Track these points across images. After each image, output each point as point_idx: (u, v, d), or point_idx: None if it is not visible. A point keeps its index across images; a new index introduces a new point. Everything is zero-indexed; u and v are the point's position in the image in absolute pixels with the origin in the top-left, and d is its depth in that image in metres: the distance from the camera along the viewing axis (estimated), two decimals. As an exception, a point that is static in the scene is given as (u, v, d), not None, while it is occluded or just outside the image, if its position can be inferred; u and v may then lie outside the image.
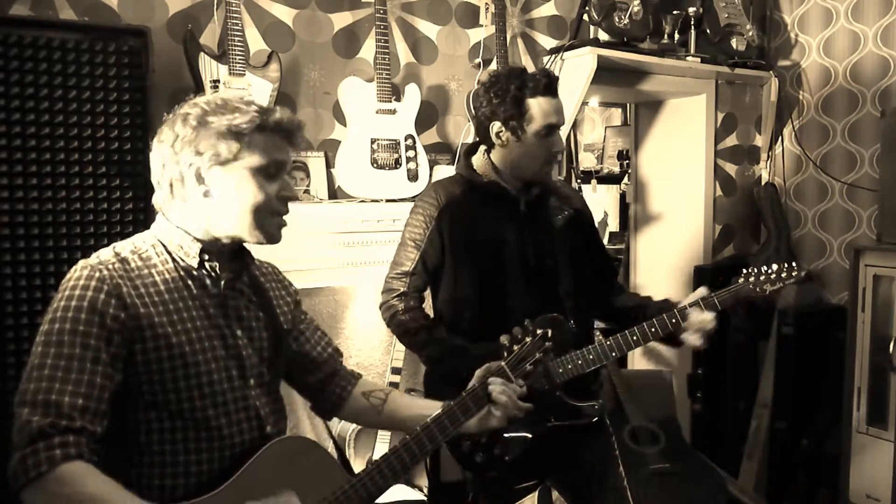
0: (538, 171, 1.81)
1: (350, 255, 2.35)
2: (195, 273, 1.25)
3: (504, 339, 1.45)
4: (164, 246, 1.24)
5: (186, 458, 1.19)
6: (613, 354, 1.76)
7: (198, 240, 1.23)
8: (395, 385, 2.54)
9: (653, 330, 1.74)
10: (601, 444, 1.87)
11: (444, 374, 1.84)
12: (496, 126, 1.79)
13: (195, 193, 1.20)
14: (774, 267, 1.75)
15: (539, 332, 1.43)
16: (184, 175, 1.20)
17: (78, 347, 1.11)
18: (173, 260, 1.24)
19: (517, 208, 1.83)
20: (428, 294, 1.95)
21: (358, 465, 2.43)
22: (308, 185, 2.38)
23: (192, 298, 1.23)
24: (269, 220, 1.23)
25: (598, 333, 1.97)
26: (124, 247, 1.24)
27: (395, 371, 2.54)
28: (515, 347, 1.43)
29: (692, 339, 1.74)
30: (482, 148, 1.89)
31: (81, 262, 1.19)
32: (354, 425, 2.43)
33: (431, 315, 1.91)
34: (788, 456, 2.92)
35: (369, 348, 2.63)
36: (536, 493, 2.05)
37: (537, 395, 1.64)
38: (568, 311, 1.78)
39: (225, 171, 1.19)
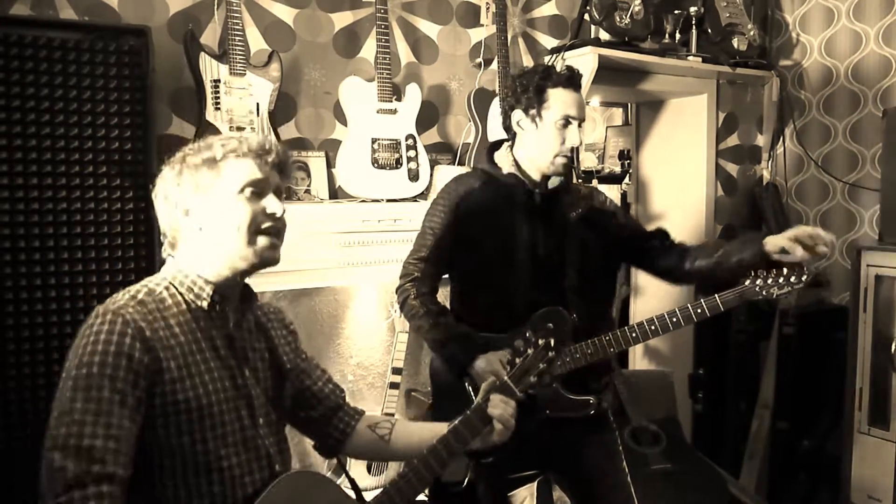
0: (553, 162, 1.82)
1: (350, 255, 2.35)
2: (206, 314, 1.26)
3: (506, 353, 1.45)
4: (175, 288, 1.25)
5: (200, 503, 1.19)
6: (612, 350, 1.77)
7: (209, 281, 1.25)
8: (395, 385, 2.54)
9: (653, 328, 1.75)
10: (604, 441, 1.87)
11: (445, 360, 1.86)
12: (517, 114, 1.85)
13: (188, 230, 1.24)
14: (784, 270, 1.71)
15: (541, 342, 1.42)
16: (175, 214, 1.24)
17: (107, 391, 1.11)
18: (185, 302, 1.24)
19: (532, 201, 1.86)
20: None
21: (358, 465, 2.43)
22: (309, 185, 2.38)
23: (204, 340, 1.24)
24: (258, 240, 1.24)
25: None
26: (139, 290, 1.24)
27: (396, 371, 2.54)
28: (518, 360, 1.42)
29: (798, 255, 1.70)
30: (506, 144, 1.95)
31: (101, 308, 1.19)
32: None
33: (446, 303, 1.95)
34: (789, 456, 2.91)
35: (370, 348, 2.63)
36: (535, 485, 2.05)
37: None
38: (570, 305, 1.79)
39: (207, 199, 1.22)
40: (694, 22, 2.96)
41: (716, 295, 1.73)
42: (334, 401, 1.49)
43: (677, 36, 2.98)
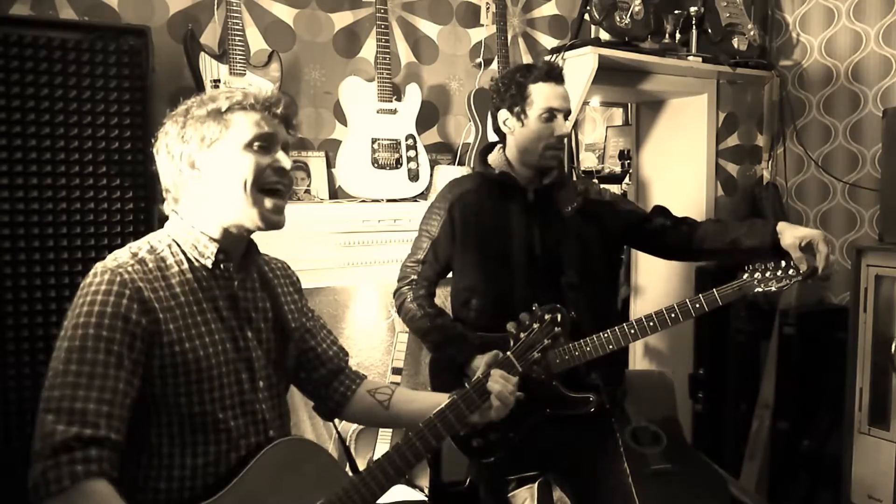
0: (542, 155, 1.83)
1: (350, 255, 2.35)
2: (210, 273, 1.24)
3: (511, 326, 1.42)
4: (178, 246, 1.24)
5: (194, 462, 1.19)
6: (610, 347, 1.76)
7: (214, 239, 1.23)
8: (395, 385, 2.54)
9: (651, 324, 1.74)
10: (604, 441, 1.87)
11: (444, 362, 1.87)
12: (503, 114, 1.87)
13: (192, 183, 1.22)
14: (783, 263, 1.70)
15: (548, 317, 1.39)
16: (180, 168, 1.22)
17: (102, 353, 1.10)
18: (188, 260, 1.23)
19: (525, 198, 1.87)
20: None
21: (359, 465, 2.43)
22: (309, 185, 2.38)
23: (206, 301, 1.23)
24: (264, 198, 1.21)
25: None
26: (140, 247, 1.23)
27: (396, 371, 2.54)
28: (522, 335, 1.39)
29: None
30: (498, 146, 1.96)
31: (100, 265, 1.17)
32: (355, 426, 2.42)
33: (444, 305, 1.95)
34: (790, 456, 2.91)
35: (370, 348, 2.63)
36: (536, 486, 2.05)
37: (534, 384, 1.65)
38: (569, 302, 1.78)
39: (213, 152, 1.20)
40: (694, 22, 2.95)
41: (714, 290, 1.72)
42: (337, 364, 1.48)
43: (677, 36, 2.98)
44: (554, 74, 1.84)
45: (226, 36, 2.15)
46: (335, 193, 2.46)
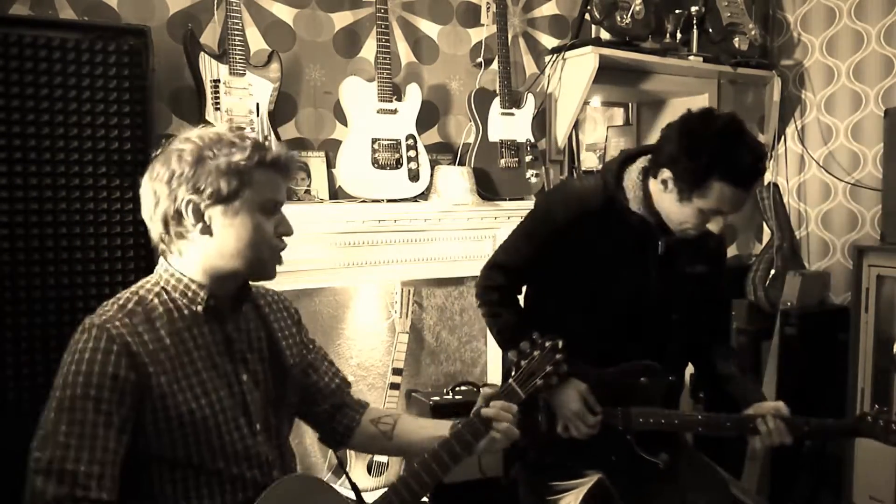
0: (680, 231, 1.63)
1: (351, 256, 2.34)
2: (201, 318, 1.22)
3: (512, 354, 1.40)
4: (167, 294, 1.21)
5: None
6: (699, 429, 1.74)
7: (203, 285, 1.21)
8: (395, 386, 2.54)
9: (728, 425, 1.70)
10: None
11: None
12: (666, 172, 1.56)
13: (193, 230, 1.18)
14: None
15: (548, 344, 1.38)
16: (181, 212, 1.16)
17: (91, 413, 1.09)
18: (177, 309, 1.20)
19: (654, 248, 1.68)
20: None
21: (358, 466, 2.42)
22: (309, 185, 2.37)
23: (196, 349, 1.20)
24: (269, 257, 1.22)
25: None
26: (129, 299, 1.20)
27: (396, 371, 2.54)
28: (523, 363, 1.38)
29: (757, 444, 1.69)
30: (640, 164, 1.67)
31: (88, 321, 1.16)
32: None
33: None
34: (791, 457, 2.90)
35: (370, 349, 2.63)
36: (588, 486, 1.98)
37: (609, 430, 1.64)
38: (668, 364, 1.72)
39: (225, 208, 1.17)
40: (695, 21, 2.95)
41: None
42: (340, 398, 1.47)
43: (678, 36, 2.97)
44: (747, 182, 1.53)
45: (226, 36, 2.15)
46: (335, 194, 2.45)
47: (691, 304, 1.74)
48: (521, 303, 1.86)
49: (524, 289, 1.88)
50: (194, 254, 1.20)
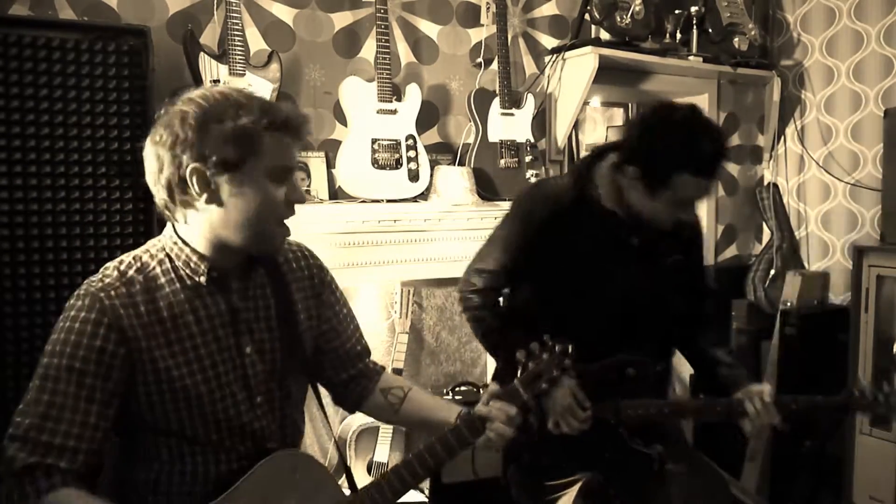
0: (655, 224, 1.65)
1: (350, 256, 2.34)
2: (204, 289, 1.18)
3: (520, 354, 1.37)
4: (170, 262, 1.18)
5: (194, 470, 1.20)
6: (690, 415, 1.77)
7: (205, 257, 1.17)
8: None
9: (717, 409, 1.72)
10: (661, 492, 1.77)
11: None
12: (631, 170, 1.59)
13: (199, 198, 1.12)
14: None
15: (558, 348, 1.36)
16: (186, 178, 1.10)
17: (73, 386, 1.08)
18: (179, 279, 1.17)
19: (630, 242, 1.70)
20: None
21: (358, 466, 2.42)
22: (309, 186, 2.37)
23: (197, 322, 1.17)
24: (275, 229, 1.18)
25: None
26: (130, 265, 1.17)
27: (396, 372, 2.54)
28: (531, 364, 1.36)
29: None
30: (612, 158, 1.68)
31: (84, 287, 1.13)
32: (355, 427, 2.42)
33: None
34: (791, 457, 2.90)
35: (370, 349, 2.62)
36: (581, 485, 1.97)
37: (601, 426, 1.64)
38: (654, 354, 1.73)
39: (232, 176, 1.10)
40: (695, 22, 2.95)
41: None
42: (360, 367, 1.45)
43: (678, 36, 2.97)
44: (707, 168, 1.54)
45: (225, 36, 2.15)
46: (335, 194, 2.45)
47: (673, 294, 1.76)
48: (503, 304, 1.87)
49: (505, 291, 1.88)
50: (200, 222, 1.14)
